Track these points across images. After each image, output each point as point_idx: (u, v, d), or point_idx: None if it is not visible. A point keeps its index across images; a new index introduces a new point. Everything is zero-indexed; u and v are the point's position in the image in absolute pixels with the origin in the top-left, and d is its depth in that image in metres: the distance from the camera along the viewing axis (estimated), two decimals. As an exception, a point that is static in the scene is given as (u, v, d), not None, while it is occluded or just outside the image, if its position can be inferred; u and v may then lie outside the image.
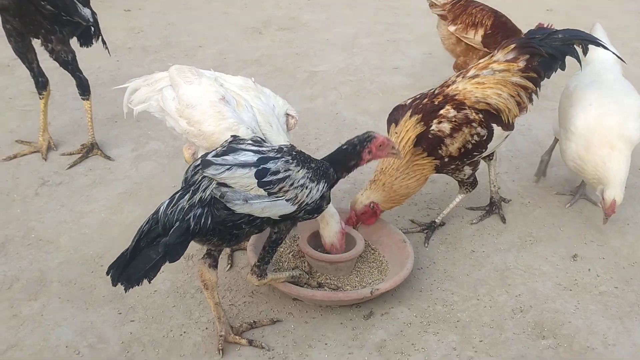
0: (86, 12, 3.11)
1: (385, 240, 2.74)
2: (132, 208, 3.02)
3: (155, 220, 1.91)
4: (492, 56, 2.84)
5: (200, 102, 2.48)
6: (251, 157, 2.00)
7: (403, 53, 5.24)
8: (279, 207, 2.04)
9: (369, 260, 2.69)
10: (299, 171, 2.05)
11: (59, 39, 3.04)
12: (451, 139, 2.62)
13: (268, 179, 1.99)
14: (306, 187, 2.07)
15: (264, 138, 2.40)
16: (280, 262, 2.65)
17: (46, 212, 2.93)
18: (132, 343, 2.25)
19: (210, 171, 1.95)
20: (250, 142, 2.10)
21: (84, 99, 3.32)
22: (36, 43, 3.18)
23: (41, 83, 3.24)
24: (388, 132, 2.73)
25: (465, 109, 2.64)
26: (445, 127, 2.61)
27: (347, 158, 2.23)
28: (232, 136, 2.19)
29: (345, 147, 2.25)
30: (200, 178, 1.99)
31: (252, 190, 1.97)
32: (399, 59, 5.11)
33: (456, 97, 2.67)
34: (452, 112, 2.63)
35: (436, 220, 2.98)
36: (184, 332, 2.31)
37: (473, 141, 2.65)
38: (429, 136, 2.61)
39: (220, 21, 5.64)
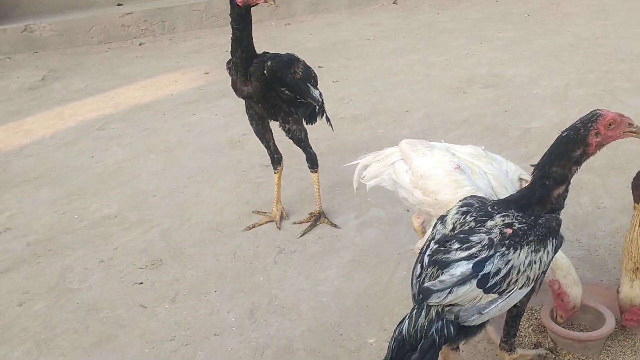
0: (316, 93, 3.38)
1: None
2: (362, 276, 3.13)
3: (401, 339, 1.90)
4: None
5: (435, 172, 2.54)
6: (466, 267, 1.85)
7: (623, 103, 4.90)
8: (516, 298, 1.94)
9: (619, 338, 2.48)
10: (519, 255, 1.89)
11: (295, 120, 3.31)
12: None
13: (492, 283, 1.86)
14: (535, 262, 1.92)
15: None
16: (519, 336, 2.54)
17: (285, 279, 3.14)
18: (378, 416, 2.30)
19: (433, 300, 1.86)
20: (456, 244, 1.91)
21: (312, 172, 3.56)
22: (273, 124, 3.50)
23: (276, 159, 3.54)
24: (635, 198, 2.54)
25: None
26: None
27: (570, 147, 1.93)
28: (435, 243, 1.99)
29: (566, 133, 1.95)
30: None
31: (482, 300, 1.87)
32: (619, 109, 4.68)
33: None
34: None
35: (692, 292, 2.68)
36: (429, 408, 2.30)
37: None
38: (691, 202, 2.38)
39: (423, 84, 5.76)
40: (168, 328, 2.85)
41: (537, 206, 1.99)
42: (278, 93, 3.17)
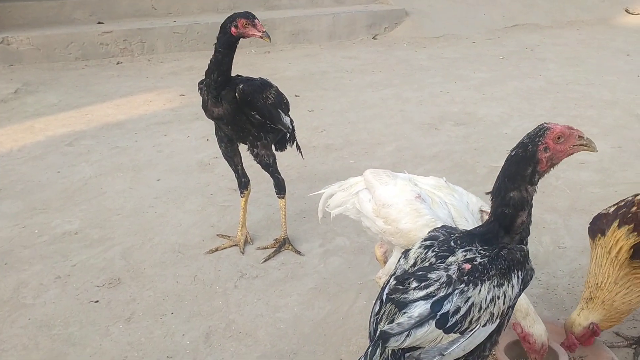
0: (287, 120, 3.39)
1: (590, 357, 2.53)
2: (322, 304, 3.11)
3: None
4: None
5: (397, 201, 2.56)
6: (424, 307, 1.77)
7: (589, 147, 5.00)
8: (480, 336, 1.84)
9: (572, 376, 2.49)
10: (480, 291, 1.80)
11: (264, 145, 3.31)
12: (672, 250, 2.41)
13: (452, 322, 1.77)
14: (498, 297, 1.83)
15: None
16: (474, 371, 2.54)
17: (245, 305, 3.10)
18: None
19: (392, 344, 1.78)
20: (414, 282, 1.84)
21: (279, 197, 3.55)
22: (242, 148, 3.50)
23: (244, 183, 3.53)
24: (592, 243, 2.58)
25: (683, 216, 2.44)
26: (665, 236, 2.42)
27: (521, 166, 1.84)
28: (394, 279, 1.93)
29: (514, 152, 1.87)
30: None
31: (443, 340, 1.79)
32: (585, 153, 4.85)
33: (670, 205, 2.48)
34: (669, 221, 2.43)
35: (646, 335, 2.72)
36: None
37: (696, 250, 2.42)
38: (648, 248, 2.42)
39: (396, 119, 5.82)
40: (120, 348, 2.79)
41: (504, 238, 1.92)
42: (248, 117, 3.17)
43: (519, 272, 1.88)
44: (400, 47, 8.73)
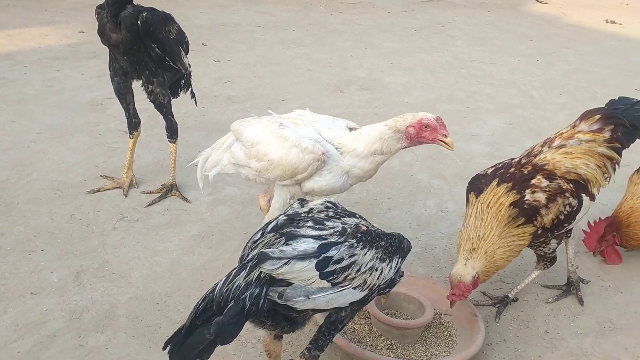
0: (186, 60, 3.26)
1: (455, 311, 2.63)
2: (203, 250, 3.06)
3: (211, 298, 1.75)
4: (574, 126, 2.79)
5: (263, 136, 2.60)
6: (311, 245, 1.82)
7: (483, 121, 5.19)
8: (346, 297, 1.88)
9: (436, 330, 2.59)
10: (365, 254, 1.88)
11: (160, 82, 3.18)
12: (546, 209, 2.54)
13: (331, 269, 1.81)
14: (376, 270, 1.91)
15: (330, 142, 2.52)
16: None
17: (122, 246, 3.01)
18: (190, 387, 2.23)
19: (267, 267, 1.76)
20: (310, 222, 1.91)
21: (170, 142, 3.44)
22: (136, 88, 3.35)
23: (134, 124, 3.39)
24: (467, 201, 2.67)
25: (556, 178, 2.59)
26: (541, 197, 2.54)
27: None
28: (286, 216, 1.97)
29: None
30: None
31: (314, 284, 1.80)
32: (478, 126, 5.06)
33: (546, 167, 2.61)
34: (545, 182, 2.57)
35: (509, 295, 2.87)
36: (243, 383, 2.28)
37: (565, 212, 2.58)
38: (525, 206, 2.52)
39: (303, 77, 5.79)
40: (-20, 282, 2.63)
41: None
42: (148, 48, 3.02)
43: (399, 260, 2.03)
44: (316, 9, 8.66)
